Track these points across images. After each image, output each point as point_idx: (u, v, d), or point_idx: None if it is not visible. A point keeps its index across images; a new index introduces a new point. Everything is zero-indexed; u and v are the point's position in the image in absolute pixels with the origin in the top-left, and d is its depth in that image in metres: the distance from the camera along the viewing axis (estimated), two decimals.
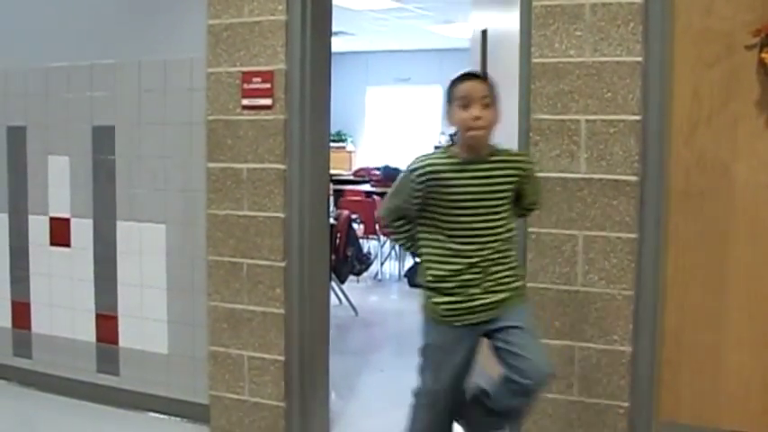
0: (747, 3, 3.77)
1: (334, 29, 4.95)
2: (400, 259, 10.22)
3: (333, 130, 12.09)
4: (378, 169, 12.76)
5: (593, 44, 3.94)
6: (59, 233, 5.49)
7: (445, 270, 3.54)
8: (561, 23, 3.99)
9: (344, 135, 16.35)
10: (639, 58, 3.89)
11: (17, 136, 5.58)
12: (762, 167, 3.82)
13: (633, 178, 3.91)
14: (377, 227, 9.73)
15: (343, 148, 16.27)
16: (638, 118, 3.90)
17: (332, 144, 10.26)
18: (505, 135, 3.75)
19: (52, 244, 5.53)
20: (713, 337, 3.96)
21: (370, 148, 16.45)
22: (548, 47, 4.02)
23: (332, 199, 8.88)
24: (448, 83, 3.61)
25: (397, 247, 9.94)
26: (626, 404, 4.03)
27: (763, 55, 3.73)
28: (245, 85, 4.64)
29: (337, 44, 7.40)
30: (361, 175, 13.30)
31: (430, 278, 3.59)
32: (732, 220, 3.90)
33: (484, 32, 5.76)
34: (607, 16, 3.91)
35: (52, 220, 5.51)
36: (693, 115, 3.90)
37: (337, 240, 7.87)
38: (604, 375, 4.03)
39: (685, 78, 3.90)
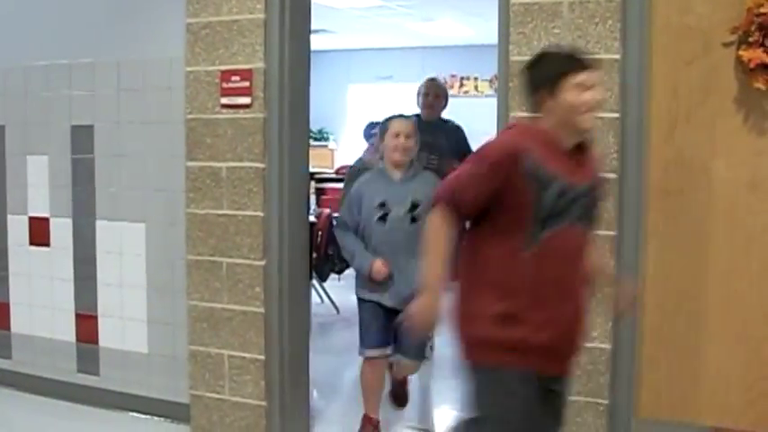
0: (725, 0, 3.78)
1: (315, 27, 4.94)
2: None
3: (315, 128, 12.04)
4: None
5: (572, 42, 3.93)
6: (39, 233, 5.46)
7: None
8: (539, 21, 3.99)
9: (326, 133, 16.29)
10: (617, 56, 3.89)
11: None
12: (740, 164, 3.84)
13: (612, 175, 3.91)
14: None
15: (325, 146, 16.23)
16: (616, 115, 3.91)
17: (314, 142, 10.27)
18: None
19: (31, 244, 5.51)
20: (693, 333, 3.97)
21: (352, 146, 16.42)
22: (526, 45, 4.02)
23: (313, 197, 8.87)
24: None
25: None
26: (606, 401, 4.04)
27: (741, 53, 3.74)
28: (224, 84, 4.63)
29: (319, 42, 7.38)
30: (343, 173, 13.25)
31: None
32: (711, 218, 3.91)
33: None
34: (585, 14, 3.91)
35: (31, 219, 5.48)
36: (672, 113, 3.92)
37: (318, 239, 7.84)
38: (584, 372, 4.02)
39: (663, 76, 3.91)
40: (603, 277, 3.42)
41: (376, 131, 5.06)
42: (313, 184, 8.81)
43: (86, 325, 5.35)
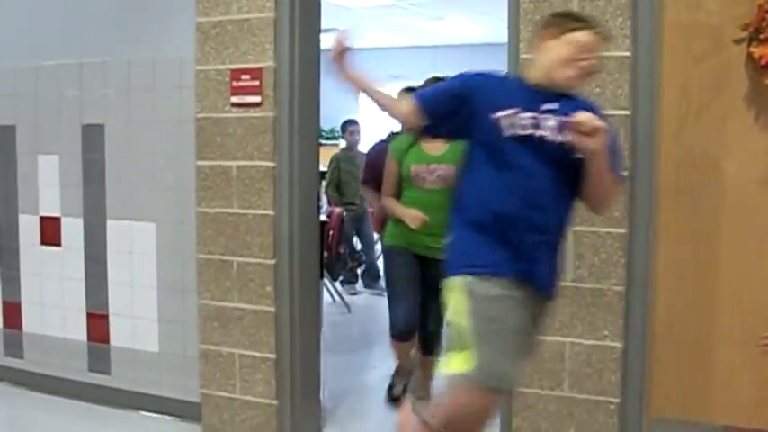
0: None
1: (326, 26, 4.93)
2: None
3: (326, 127, 12.05)
4: None
5: None
6: (50, 233, 5.47)
7: None
8: None
9: (338, 133, 16.26)
10: (628, 53, 3.88)
11: (6, 135, 5.56)
12: (751, 162, 3.82)
13: (623, 173, 3.90)
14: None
15: (337, 145, 16.19)
16: (626, 113, 3.90)
17: (326, 142, 10.27)
18: None
19: (43, 243, 5.52)
20: (703, 331, 3.95)
21: (364, 146, 16.38)
22: None
23: (324, 196, 8.86)
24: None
25: None
26: (617, 400, 4.03)
27: (752, 49, 3.72)
28: (234, 83, 4.63)
29: (330, 41, 7.33)
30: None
31: None
32: (722, 216, 3.89)
33: None
34: (595, 11, 3.89)
35: (42, 219, 5.49)
36: (682, 110, 3.90)
37: (329, 238, 7.85)
38: (595, 371, 4.02)
39: (674, 73, 3.90)
40: None
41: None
42: (324, 183, 8.81)
43: (97, 324, 5.36)
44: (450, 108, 3.31)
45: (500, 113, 3.19)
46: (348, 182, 9.05)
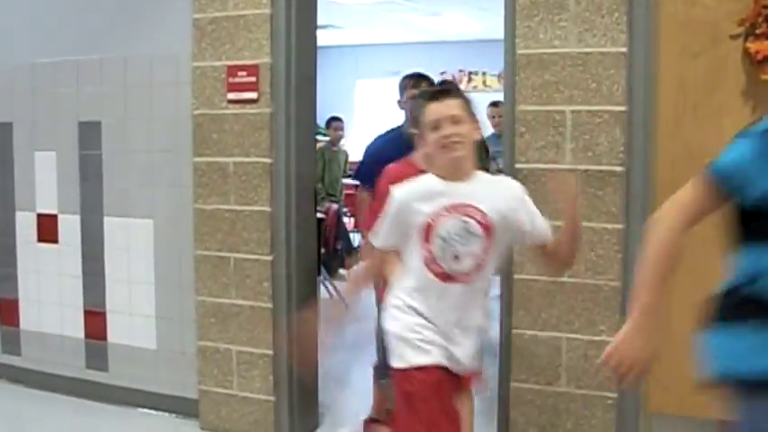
0: None
1: (323, 22, 4.94)
2: None
3: (323, 123, 12.08)
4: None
5: (578, 35, 3.93)
6: (47, 230, 5.47)
7: None
8: (546, 14, 3.98)
9: None
10: (624, 49, 3.88)
11: (3, 132, 5.56)
12: None
13: (619, 169, 3.91)
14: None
15: None
16: (623, 108, 3.90)
17: (322, 138, 10.32)
18: None
19: (40, 240, 5.52)
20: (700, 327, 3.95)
21: (360, 142, 16.34)
22: (532, 38, 4.01)
23: None
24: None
25: None
26: (614, 395, 4.03)
27: (748, 45, 3.72)
28: (231, 79, 4.64)
29: (326, 38, 7.36)
30: (351, 169, 13.29)
31: None
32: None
33: None
34: (592, 6, 3.90)
35: (39, 216, 5.49)
36: (679, 106, 3.90)
37: (327, 234, 7.84)
38: (592, 366, 4.02)
39: (670, 69, 3.90)
40: None
41: None
42: None
43: (95, 321, 5.36)
44: None
45: None
46: (330, 174, 10.01)
